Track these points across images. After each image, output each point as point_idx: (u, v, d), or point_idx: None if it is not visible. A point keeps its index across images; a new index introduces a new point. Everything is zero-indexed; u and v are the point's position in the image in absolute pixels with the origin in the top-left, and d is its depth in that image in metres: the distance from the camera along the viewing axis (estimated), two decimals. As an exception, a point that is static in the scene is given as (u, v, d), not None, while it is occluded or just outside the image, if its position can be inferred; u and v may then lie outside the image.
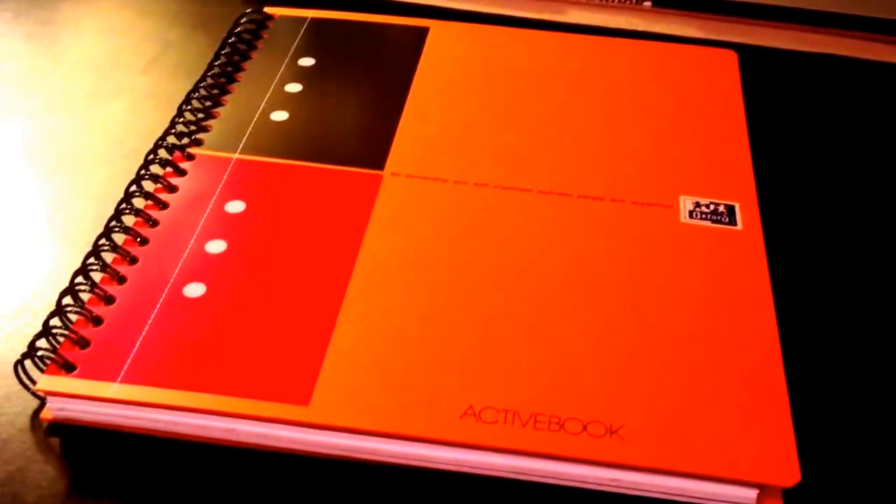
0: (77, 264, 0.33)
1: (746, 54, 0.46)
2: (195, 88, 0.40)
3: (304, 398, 0.29)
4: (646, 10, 0.49)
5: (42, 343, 0.30)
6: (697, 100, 0.41)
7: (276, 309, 0.32)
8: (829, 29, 0.48)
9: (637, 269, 0.33)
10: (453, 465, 0.29)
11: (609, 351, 0.31)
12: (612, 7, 0.49)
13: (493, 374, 0.30)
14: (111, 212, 0.35)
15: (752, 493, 0.28)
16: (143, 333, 0.31)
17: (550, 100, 0.41)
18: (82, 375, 0.29)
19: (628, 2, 0.49)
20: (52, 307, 0.31)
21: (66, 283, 0.32)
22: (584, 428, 0.28)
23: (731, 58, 0.44)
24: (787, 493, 0.28)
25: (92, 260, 0.33)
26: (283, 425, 0.29)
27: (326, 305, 0.32)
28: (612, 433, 0.28)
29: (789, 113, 0.44)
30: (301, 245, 0.34)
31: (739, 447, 0.28)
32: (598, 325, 0.31)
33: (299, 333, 0.31)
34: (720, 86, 0.42)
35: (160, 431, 0.30)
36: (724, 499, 0.28)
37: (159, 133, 0.39)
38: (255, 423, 0.29)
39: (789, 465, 0.28)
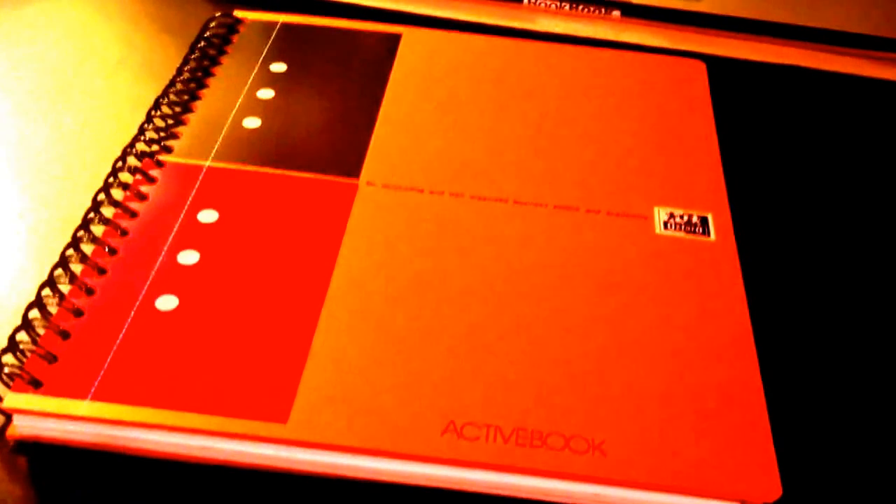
0: (44, 276, 0.32)
1: (714, 65, 0.46)
2: (164, 94, 0.39)
3: (282, 415, 0.28)
4: (615, 20, 0.49)
5: (8, 358, 0.29)
6: (667, 110, 0.41)
7: (252, 322, 0.31)
8: (796, 41, 0.48)
9: (614, 281, 0.33)
10: (434, 481, 0.29)
11: (588, 364, 0.31)
12: (582, 16, 0.49)
13: (474, 389, 0.30)
14: (78, 221, 0.34)
15: (734, 508, 0.28)
16: (114, 348, 0.30)
17: (523, 109, 0.41)
18: (50, 392, 0.28)
19: (598, 11, 0.49)
20: (18, 321, 0.30)
21: (32, 296, 0.31)
22: (567, 443, 0.28)
23: (700, 68, 0.44)
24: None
25: (59, 271, 0.32)
26: (261, 443, 0.28)
27: (303, 318, 0.31)
28: (594, 448, 0.28)
29: (757, 124, 0.44)
30: (276, 256, 0.33)
31: (721, 462, 0.28)
32: (577, 339, 0.31)
33: (276, 348, 0.30)
34: (690, 96, 0.42)
35: (133, 450, 0.29)
36: (705, 514, 0.28)
37: (126, 140, 0.38)
38: (233, 440, 0.28)
39: (770, 480, 0.28)
